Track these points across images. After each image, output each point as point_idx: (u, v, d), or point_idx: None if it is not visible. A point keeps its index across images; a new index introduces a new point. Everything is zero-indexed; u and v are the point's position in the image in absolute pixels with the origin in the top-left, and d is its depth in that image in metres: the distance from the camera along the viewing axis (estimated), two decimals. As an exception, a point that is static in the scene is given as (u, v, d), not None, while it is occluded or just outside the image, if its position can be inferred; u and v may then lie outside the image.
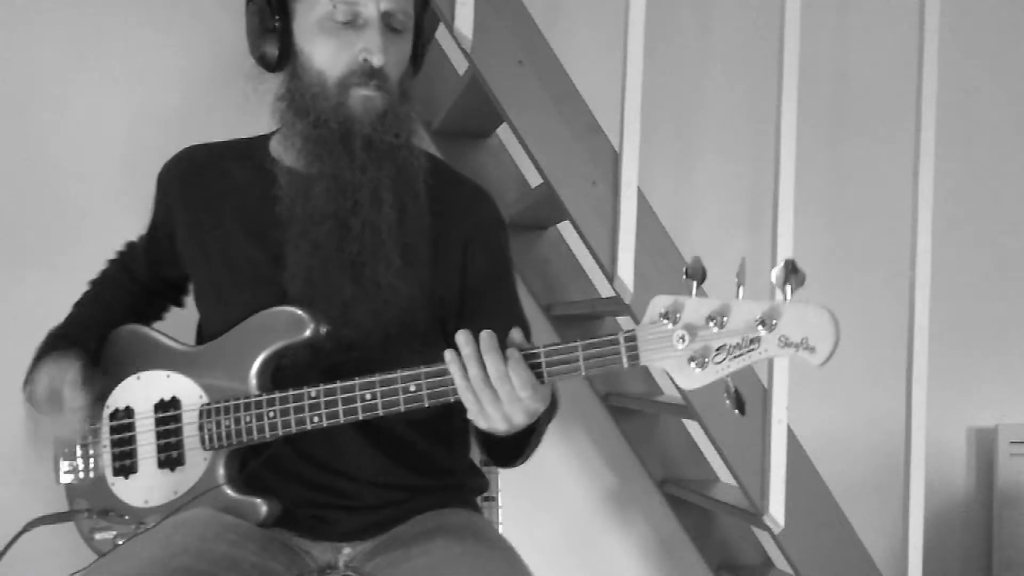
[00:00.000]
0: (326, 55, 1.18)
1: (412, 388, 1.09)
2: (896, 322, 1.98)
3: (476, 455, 1.42)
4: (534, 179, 2.01)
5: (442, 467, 1.32)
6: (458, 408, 1.09)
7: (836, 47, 2.42)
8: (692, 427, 2.16)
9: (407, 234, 1.22)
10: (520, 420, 1.04)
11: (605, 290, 2.09)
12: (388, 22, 1.19)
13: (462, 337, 1.04)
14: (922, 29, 1.90)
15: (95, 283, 1.43)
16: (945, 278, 2.19)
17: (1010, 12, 2.53)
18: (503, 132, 2.14)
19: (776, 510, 1.75)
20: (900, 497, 1.89)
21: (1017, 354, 2.51)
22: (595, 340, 1.03)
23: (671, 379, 1.01)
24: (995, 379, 2.50)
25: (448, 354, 1.04)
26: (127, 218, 1.44)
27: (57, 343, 1.28)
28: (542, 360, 1.04)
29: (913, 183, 1.91)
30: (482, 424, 1.06)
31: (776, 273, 0.95)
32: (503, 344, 1.04)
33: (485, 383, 1.02)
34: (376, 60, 1.17)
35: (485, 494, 1.41)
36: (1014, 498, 2.44)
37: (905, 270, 1.92)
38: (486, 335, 1.03)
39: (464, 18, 1.67)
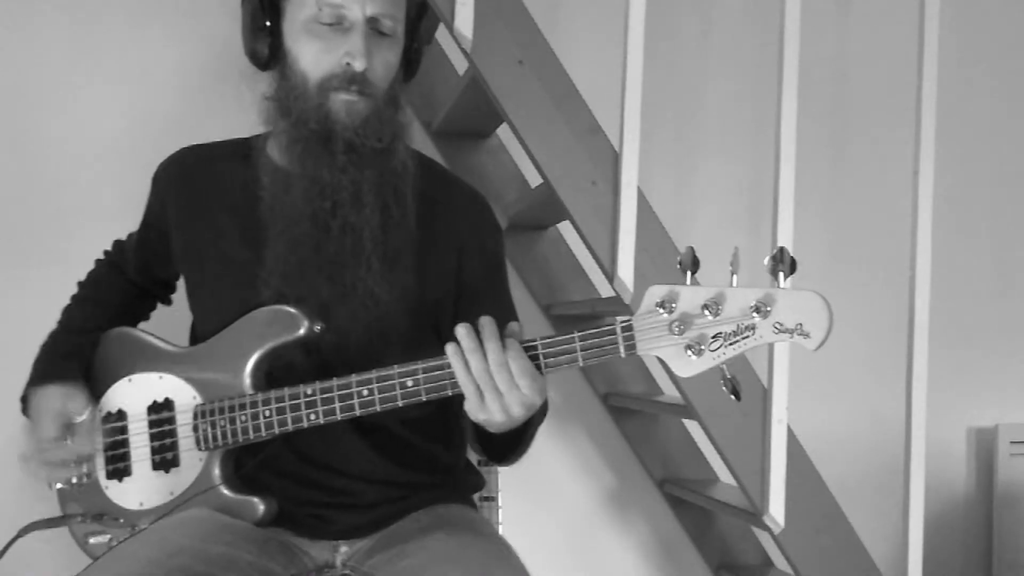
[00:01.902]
0: (310, 57, 1.18)
1: (409, 383, 1.10)
2: (896, 322, 1.98)
3: (473, 455, 1.42)
4: (534, 179, 2.01)
5: (439, 465, 1.32)
6: (455, 405, 1.09)
7: (836, 47, 2.42)
8: (692, 427, 2.16)
9: (391, 238, 1.22)
10: (517, 412, 1.05)
11: (605, 290, 2.08)
12: (374, 26, 1.19)
13: (462, 330, 1.04)
14: (922, 29, 1.90)
15: (85, 285, 1.43)
16: (945, 278, 2.19)
17: (1010, 12, 2.53)
18: (503, 132, 2.14)
19: (776, 510, 1.75)
20: (900, 497, 1.89)
21: (1017, 354, 2.51)
22: (592, 331, 1.04)
23: (667, 368, 1.02)
24: (995, 379, 2.50)
25: (450, 347, 1.05)
26: (125, 218, 1.44)
27: (55, 361, 1.27)
28: (539, 351, 1.04)
29: (913, 183, 1.91)
30: (480, 417, 1.06)
31: (769, 261, 0.96)
32: (501, 334, 1.05)
33: (487, 374, 1.03)
34: (358, 64, 1.16)
35: (485, 494, 1.41)
36: (1014, 498, 2.44)
37: (905, 270, 1.92)
38: (487, 321, 1.04)
39: (464, 18, 1.67)
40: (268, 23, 1.21)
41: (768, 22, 1.91)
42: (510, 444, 1.17)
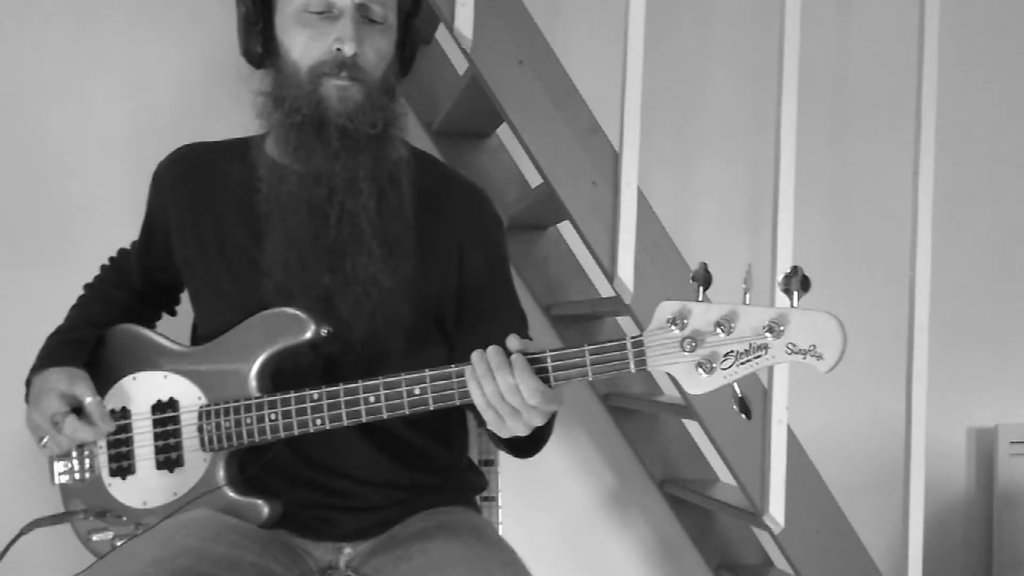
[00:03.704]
0: (300, 46, 1.19)
1: (416, 391, 1.09)
2: (896, 322, 1.98)
3: (475, 454, 1.42)
4: (534, 179, 2.01)
5: (441, 466, 1.32)
6: (462, 408, 1.09)
7: (836, 47, 2.42)
8: (692, 427, 2.16)
9: (388, 225, 1.22)
10: (539, 423, 1.05)
11: (605, 290, 2.08)
12: (364, 13, 1.19)
13: (475, 356, 1.04)
14: (922, 29, 1.90)
15: (90, 287, 1.42)
16: (945, 278, 2.19)
17: (1010, 13, 2.53)
18: (503, 132, 2.14)
19: (776, 510, 1.75)
20: (900, 497, 1.89)
21: (1017, 354, 2.51)
22: (602, 345, 1.03)
23: (678, 385, 1.01)
24: (995, 379, 2.50)
25: (468, 372, 1.05)
26: (127, 218, 1.44)
27: (58, 352, 1.27)
28: (548, 365, 1.04)
29: (913, 183, 1.91)
30: (504, 434, 1.07)
31: (782, 279, 0.95)
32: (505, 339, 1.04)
33: (501, 398, 1.03)
34: (348, 49, 1.17)
35: (485, 494, 1.41)
36: (1014, 498, 2.44)
37: (905, 270, 1.92)
38: (493, 352, 1.03)
39: (464, 18, 1.67)
40: (261, 19, 1.22)
41: (768, 22, 1.91)
42: (534, 441, 1.17)
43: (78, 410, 1.21)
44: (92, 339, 1.29)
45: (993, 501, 2.47)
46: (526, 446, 1.18)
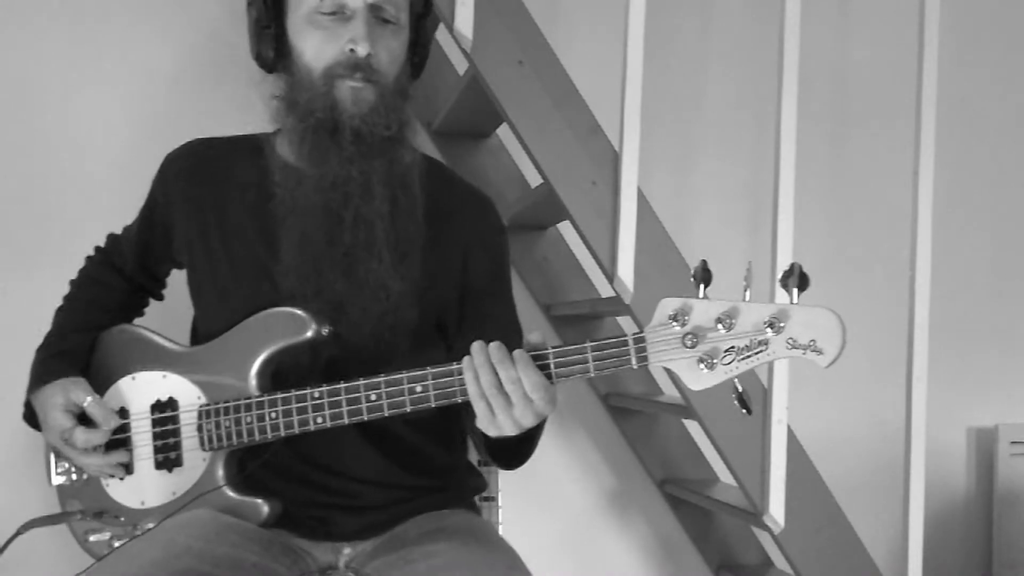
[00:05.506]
0: (313, 48, 1.19)
1: (418, 389, 1.09)
2: (896, 322, 1.98)
3: (474, 456, 1.42)
4: (534, 179, 2.01)
5: (440, 467, 1.32)
6: (459, 409, 1.09)
7: (836, 47, 2.42)
8: (692, 427, 2.16)
9: (399, 229, 1.22)
10: (530, 423, 1.05)
11: (605, 290, 2.08)
12: (377, 14, 1.19)
13: (476, 346, 1.04)
14: (922, 29, 1.90)
15: (78, 284, 1.41)
16: (945, 278, 2.19)
17: (1010, 13, 2.53)
18: (503, 132, 2.14)
19: (776, 510, 1.75)
20: (900, 497, 1.89)
21: (1017, 354, 2.51)
22: (604, 341, 1.03)
23: (678, 381, 1.02)
24: (995, 379, 2.50)
25: (465, 361, 1.05)
26: (124, 217, 1.44)
27: (50, 364, 1.27)
28: (551, 361, 1.04)
29: (913, 183, 1.91)
30: (492, 432, 1.06)
31: (782, 276, 0.96)
32: (513, 349, 1.04)
33: (497, 389, 1.03)
34: (361, 50, 1.17)
35: (485, 494, 1.41)
36: (1014, 498, 2.44)
37: (905, 270, 1.92)
38: (496, 347, 1.03)
39: (464, 18, 1.67)
40: (272, 22, 1.22)
41: (768, 22, 1.91)
42: (521, 449, 1.17)
43: (84, 415, 1.22)
44: (82, 346, 1.29)
45: (993, 501, 2.47)
46: (511, 454, 1.18)
